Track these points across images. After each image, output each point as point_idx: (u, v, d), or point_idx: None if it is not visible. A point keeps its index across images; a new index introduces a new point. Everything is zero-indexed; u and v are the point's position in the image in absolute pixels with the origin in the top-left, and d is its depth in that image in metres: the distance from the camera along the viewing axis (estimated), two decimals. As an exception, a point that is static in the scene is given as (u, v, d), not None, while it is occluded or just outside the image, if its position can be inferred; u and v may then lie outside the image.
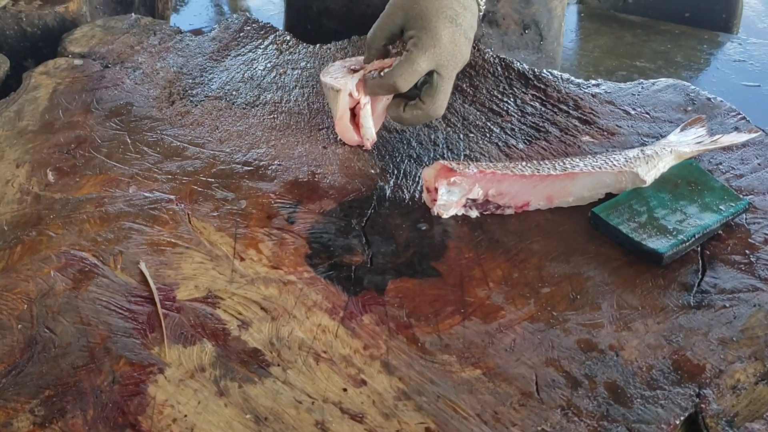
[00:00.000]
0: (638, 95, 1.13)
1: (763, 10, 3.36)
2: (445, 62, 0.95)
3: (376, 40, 0.99)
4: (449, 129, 1.08)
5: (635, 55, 2.83)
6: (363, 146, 1.03)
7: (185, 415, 0.69)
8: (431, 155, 1.03)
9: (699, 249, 0.86)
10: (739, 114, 1.08)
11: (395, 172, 1.00)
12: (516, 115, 1.10)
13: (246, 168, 1.00)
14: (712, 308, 0.80)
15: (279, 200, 0.94)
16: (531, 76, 1.17)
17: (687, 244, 0.85)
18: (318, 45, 1.28)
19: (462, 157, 1.02)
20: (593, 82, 1.16)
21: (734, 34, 2.95)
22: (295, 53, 1.26)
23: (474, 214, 0.92)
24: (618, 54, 2.86)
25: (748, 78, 2.66)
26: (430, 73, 0.96)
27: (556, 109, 1.11)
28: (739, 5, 2.93)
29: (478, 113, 1.11)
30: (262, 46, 1.28)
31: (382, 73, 0.96)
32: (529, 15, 1.36)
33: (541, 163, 0.94)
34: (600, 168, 0.92)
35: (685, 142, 0.99)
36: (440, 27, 0.94)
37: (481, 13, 1.01)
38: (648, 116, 1.09)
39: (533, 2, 1.35)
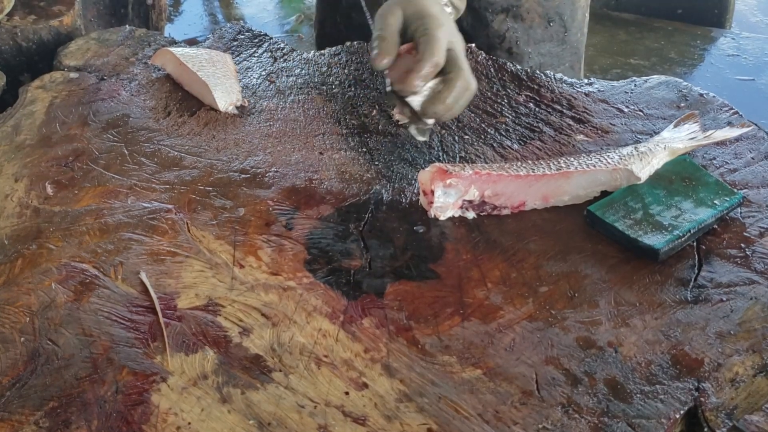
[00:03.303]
0: (631, 93, 1.14)
1: (755, 4, 3.37)
2: (454, 38, 0.98)
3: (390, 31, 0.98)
4: (444, 132, 1.09)
5: (629, 53, 2.84)
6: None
7: (189, 423, 0.69)
8: (427, 158, 1.03)
9: (695, 244, 0.87)
10: (732, 109, 1.08)
11: (391, 175, 1.00)
12: (510, 116, 1.11)
13: (243, 176, 1.01)
14: (709, 302, 0.80)
15: (277, 207, 0.95)
16: (524, 77, 1.18)
17: (683, 239, 0.85)
18: (312, 52, 1.29)
19: (457, 159, 1.03)
20: (586, 81, 1.17)
21: (727, 29, 2.96)
22: (289, 60, 1.27)
23: (471, 215, 0.92)
24: (612, 52, 2.87)
25: (742, 72, 2.67)
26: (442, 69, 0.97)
27: (549, 109, 1.11)
28: (730, 0, 2.95)
29: (473, 115, 1.12)
30: (256, 55, 1.29)
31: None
32: (553, 8, 1.37)
33: (536, 162, 0.95)
34: (594, 166, 0.93)
35: (678, 139, 0.99)
36: (436, 11, 0.99)
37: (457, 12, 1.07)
38: (641, 113, 1.10)
39: None
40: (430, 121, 0.98)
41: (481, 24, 1.37)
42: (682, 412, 0.70)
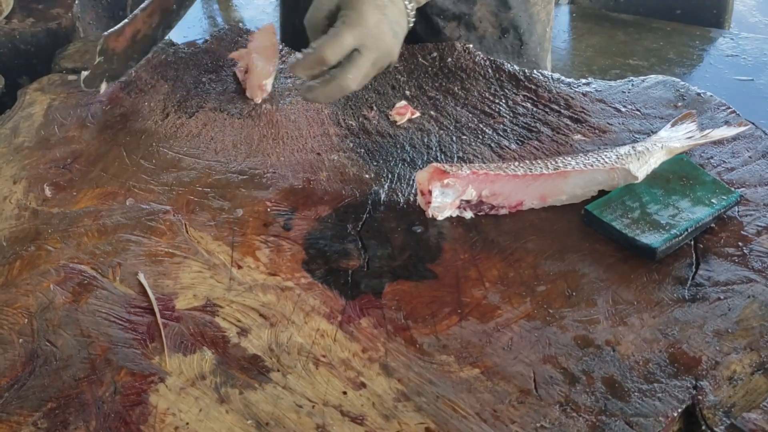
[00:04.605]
0: (628, 92, 1.14)
1: (753, 4, 3.37)
2: (368, 43, 0.96)
3: (316, 21, 1.00)
4: (442, 132, 1.09)
5: (628, 54, 2.84)
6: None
7: (187, 423, 0.69)
8: (424, 158, 1.04)
9: (692, 243, 0.87)
10: (729, 108, 1.08)
11: (389, 176, 1.00)
12: (508, 116, 1.11)
13: (241, 177, 1.01)
14: (706, 301, 0.80)
15: (275, 207, 0.95)
16: (522, 77, 1.18)
17: (680, 238, 0.85)
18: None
19: (455, 159, 1.03)
20: (584, 81, 1.17)
21: (726, 30, 2.96)
22: (287, 62, 1.27)
23: (468, 215, 0.92)
24: (611, 53, 2.87)
25: (741, 72, 2.67)
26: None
27: (547, 109, 1.11)
28: (729, 0, 2.95)
29: (470, 115, 1.12)
30: (254, 56, 1.29)
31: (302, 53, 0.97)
32: (507, 19, 1.35)
33: (534, 162, 0.95)
34: (592, 166, 0.93)
35: (675, 138, 1.00)
36: (367, 10, 0.96)
37: (410, 18, 1.02)
38: (639, 113, 1.10)
39: (512, 6, 1.35)
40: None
41: (432, 30, 1.36)
42: (680, 410, 0.70)
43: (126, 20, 1.16)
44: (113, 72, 1.17)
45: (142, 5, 1.17)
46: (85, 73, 1.15)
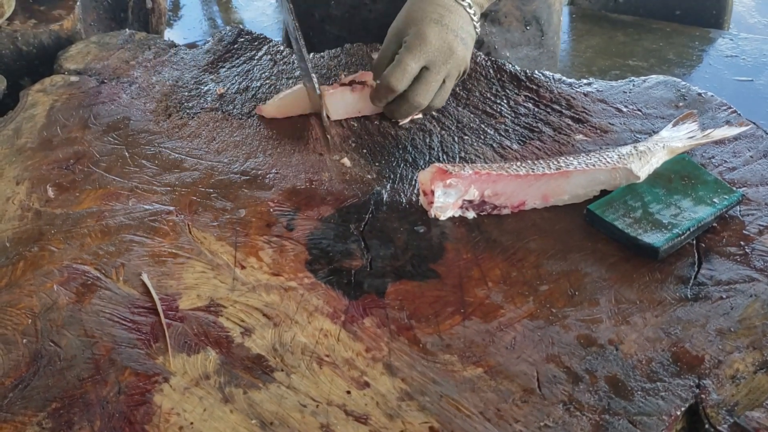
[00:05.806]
0: (630, 93, 1.14)
1: (753, 5, 3.37)
2: (435, 59, 1.02)
3: (380, 66, 1.07)
4: (444, 132, 1.09)
5: (628, 54, 2.84)
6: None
7: (191, 423, 0.69)
8: (427, 158, 1.04)
9: (694, 242, 0.87)
10: (730, 108, 1.09)
11: (392, 176, 1.00)
12: (509, 117, 1.11)
13: (244, 177, 1.01)
14: (709, 300, 0.80)
15: (278, 208, 0.95)
16: (523, 78, 1.18)
17: (682, 237, 0.86)
18: (311, 54, 1.29)
19: (457, 159, 1.03)
20: (585, 81, 1.17)
21: (725, 30, 2.97)
22: (289, 63, 1.27)
23: (471, 215, 0.93)
24: (610, 54, 2.87)
25: (740, 73, 2.67)
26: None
27: (549, 109, 1.12)
28: (728, 1, 2.95)
29: (472, 116, 1.12)
30: (256, 57, 1.29)
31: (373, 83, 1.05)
32: (530, 11, 1.37)
33: (536, 162, 0.95)
34: (594, 165, 0.93)
35: (677, 138, 1.00)
36: (426, 28, 1.02)
37: (475, 23, 1.06)
38: (640, 113, 1.10)
39: None
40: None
41: None
42: (683, 408, 0.70)
43: None
44: None
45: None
46: None
